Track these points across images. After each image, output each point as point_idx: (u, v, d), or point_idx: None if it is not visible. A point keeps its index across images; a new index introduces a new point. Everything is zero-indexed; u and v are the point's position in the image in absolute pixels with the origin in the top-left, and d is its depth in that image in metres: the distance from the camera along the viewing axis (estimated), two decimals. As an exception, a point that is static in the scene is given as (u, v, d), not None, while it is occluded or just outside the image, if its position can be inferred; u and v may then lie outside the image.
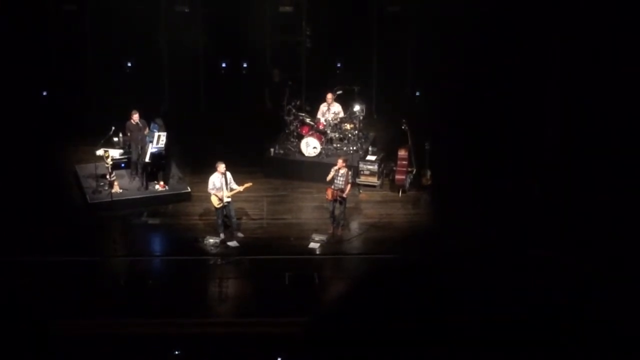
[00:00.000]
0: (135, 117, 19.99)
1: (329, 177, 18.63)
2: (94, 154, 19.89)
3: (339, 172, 18.53)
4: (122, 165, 20.47)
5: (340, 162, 18.64)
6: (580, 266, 17.50)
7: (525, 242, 18.27)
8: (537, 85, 21.53)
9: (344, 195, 18.61)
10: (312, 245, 18.49)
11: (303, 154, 21.24)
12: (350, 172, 18.97)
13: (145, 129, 20.13)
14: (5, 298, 16.49)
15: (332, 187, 18.59)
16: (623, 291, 16.77)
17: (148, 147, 19.88)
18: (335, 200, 18.64)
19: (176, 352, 15.58)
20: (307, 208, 20.06)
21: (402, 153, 20.49)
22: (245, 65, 24.31)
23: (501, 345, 15.76)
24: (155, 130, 20.23)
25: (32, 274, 17.20)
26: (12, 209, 19.23)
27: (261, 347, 15.78)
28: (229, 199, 18.42)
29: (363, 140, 21.70)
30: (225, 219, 18.61)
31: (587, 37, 19.77)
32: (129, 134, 20.11)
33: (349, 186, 18.72)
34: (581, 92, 20.09)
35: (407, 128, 20.56)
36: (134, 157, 20.31)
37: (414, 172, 20.81)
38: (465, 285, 16.98)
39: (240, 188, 18.46)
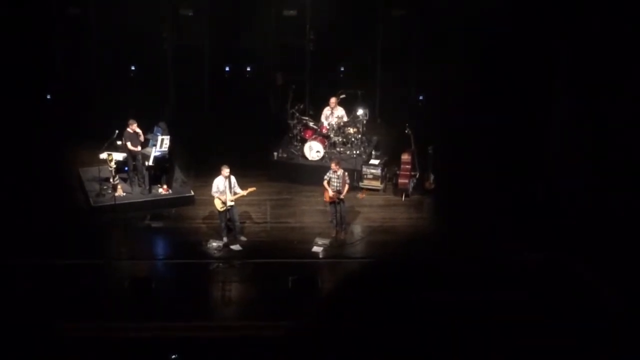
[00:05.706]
0: (134, 126, 19.81)
1: (325, 182, 18.64)
2: (98, 157, 19.90)
3: (335, 174, 18.53)
4: (126, 168, 20.44)
5: (333, 165, 18.66)
6: (580, 266, 17.46)
7: (528, 247, 18.22)
8: (541, 90, 21.50)
9: (342, 197, 18.60)
10: (316, 249, 18.49)
11: (306, 158, 21.24)
12: (346, 173, 18.92)
13: (142, 137, 19.97)
14: (10, 301, 16.51)
15: (329, 189, 18.56)
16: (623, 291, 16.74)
17: (152, 150, 19.87)
18: (333, 203, 18.64)
19: (179, 356, 15.57)
20: (311, 212, 20.06)
21: (405, 157, 20.48)
22: (249, 69, 24.32)
23: (502, 347, 15.74)
24: (158, 134, 20.22)
25: (36, 276, 17.23)
26: (16, 212, 19.26)
27: (264, 351, 15.77)
28: (233, 203, 18.43)
29: (366, 144, 21.70)
30: (228, 222, 18.61)
31: (588, 40, 19.75)
32: (128, 144, 19.94)
33: (347, 187, 18.70)
34: (583, 94, 20.07)
35: (410, 132, 20.56)
36: (129, 166, 20.18)
37: (417, 176, 20.81)
38: (467, 288, 16.95)
39: (244, 192, 18.47)
